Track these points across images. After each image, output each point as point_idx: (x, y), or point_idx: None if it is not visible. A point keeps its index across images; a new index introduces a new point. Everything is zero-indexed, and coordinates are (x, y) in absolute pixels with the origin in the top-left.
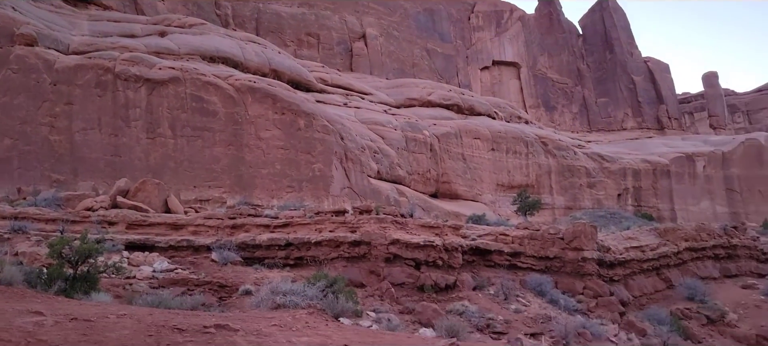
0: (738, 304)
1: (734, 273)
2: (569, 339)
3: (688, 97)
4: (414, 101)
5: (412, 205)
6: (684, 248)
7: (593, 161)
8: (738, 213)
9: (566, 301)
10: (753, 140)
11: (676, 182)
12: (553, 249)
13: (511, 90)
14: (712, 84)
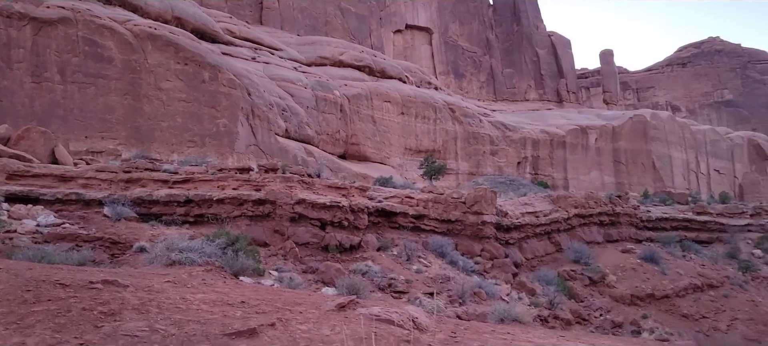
0: (617, 266)
1: (616, 238)
2: (465, 298)
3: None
4: (325, 60)
5: (320, 165)
6: (573, 215)
7: (497, 130)
8: (623, 183)
9: (465, 262)
10: (640, 116)
11: (571, 152)
12: (456, 213)
13: (422, 55)
14: (608, 62)
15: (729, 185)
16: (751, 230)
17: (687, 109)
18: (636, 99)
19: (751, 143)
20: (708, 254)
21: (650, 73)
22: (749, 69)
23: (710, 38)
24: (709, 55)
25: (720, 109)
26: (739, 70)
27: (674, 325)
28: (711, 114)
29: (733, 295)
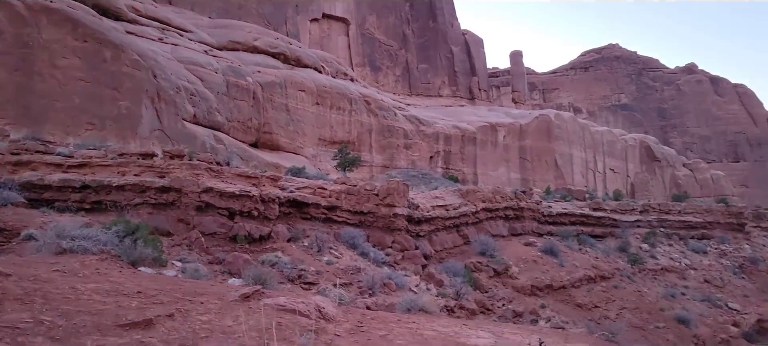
0: (520, 259)
1: (520, 232)
2: (375, 289)
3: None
4: (238, 45)
5: (230, 153)
6: (481, 209)
7: (411, 124)
8: (528, 179)
9: (376, 254)
10: (545, 116)
11: (481, 148)
12: (368, 205)
13: (339, 46)
14: (517, 62)
15: (622, 183)
16: (640, 225)
17: (587, 111)
18: (542, 99)
19: (643, 145)
20: (601, 248)
21: (555, 76)
22: (643, 76)
23: (610, 45)
24: (608, 61)
25: (616, 112)
26: (635, 76)
27: (569, 314)
28: (608, 116)
29: (623, 286)
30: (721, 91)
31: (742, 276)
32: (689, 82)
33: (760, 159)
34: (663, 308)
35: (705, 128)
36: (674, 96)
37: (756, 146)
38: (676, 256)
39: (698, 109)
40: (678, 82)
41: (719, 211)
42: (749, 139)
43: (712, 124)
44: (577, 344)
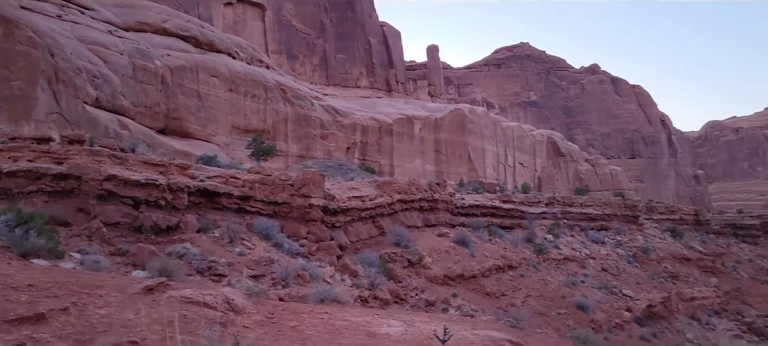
0: (433, 249)
1: (434, 223)
2: (289, 280)
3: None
4: (146, 26)
5: (136, 139)
6: (397, 200)
7: (328, 114)
8: (442, 172)
9: (290, 245)
10: (459, 110)
11: (397, 140)
12: (283, 195)
13: (254, 32)
14: (434, 57)
15: (530, 176)
16: (545, 217)
17: (499, 107)
18: (457, 94)
19: (550, 141)
20: (510, 238)
21: (470, 71)
22: (551, 75)
23: (521, 43)
24: (519, 59)
25: (526, 109)
26: (544, 74)
27: (479, 302)
28: (519, 112)
29: (528, 275)
30: (620, 92)
31: (636, 264)
32: (592, 82)
33: (653, 156)
34: (564, 295)
35: (606, 126)
36: (579, 95)
37: (650, 144)
38: (577, 246)
39: (600, 107)
40: (582, 82)
41: (616, 204)
42: (644, 137)
43: (612, 123)
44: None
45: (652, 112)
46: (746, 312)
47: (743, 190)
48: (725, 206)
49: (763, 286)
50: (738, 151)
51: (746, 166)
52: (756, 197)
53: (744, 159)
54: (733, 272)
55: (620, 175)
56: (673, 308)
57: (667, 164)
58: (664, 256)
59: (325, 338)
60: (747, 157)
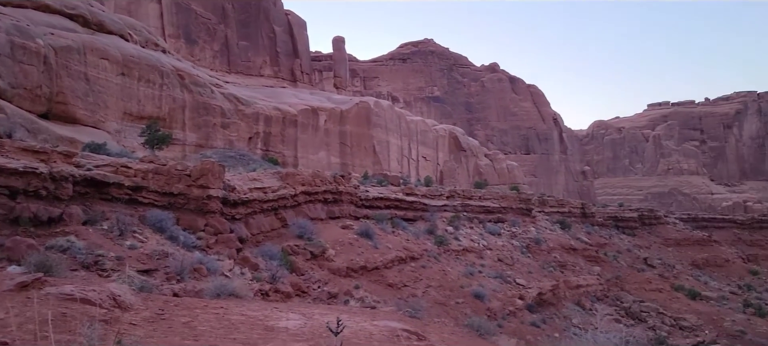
0: (337, 241)
1: (338, 215)
2: (184, 275)
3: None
4: (26, 2)
5: (13, 124)
6: (300, 192)
7: (229, 102)
8: (347, 164)
9: (186, 238)
10: (365, 103)
11: (302, 131)
12: (179, 186)
13: (150, 14)
14: (340, 48)
15: (433, 170)
16: (446, 209)
17: (404, 101)
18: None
19: (452, 136)
20: (412, 230)
21: (376, 65)
22: (454, 71)
23: (426, 39)
24: (424, 55)
25: (430, 104)
26: (447, 71)
27: (381, 293)
28: (423, 107)
29: (429, 265)
30: (517, 90)
31: (528, 255)
32: (492, 80)
33: (546, 152)
34: (463, 285)
35: (504, 123)
36: (479, 92)
37: (543, 141)
38: (475, 237)
39: (499, 105)
40: (483, 80)
41: (512, 197)
42: (538, 135)
43: (510, 120)
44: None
45: (546, 111)
46: (624, 298)
47: (624, 185)
48: (608, 199)
49: (639, 273)
50: (620, 149)
51: (627, 163)
52: (635, 191)
53: (625, 156)
54: (613, 261)
55: (516, 170)
56: (561, 295)
57: (558, 160)
58: (554, 246)
59: (220, 333)
60: (628, 154)
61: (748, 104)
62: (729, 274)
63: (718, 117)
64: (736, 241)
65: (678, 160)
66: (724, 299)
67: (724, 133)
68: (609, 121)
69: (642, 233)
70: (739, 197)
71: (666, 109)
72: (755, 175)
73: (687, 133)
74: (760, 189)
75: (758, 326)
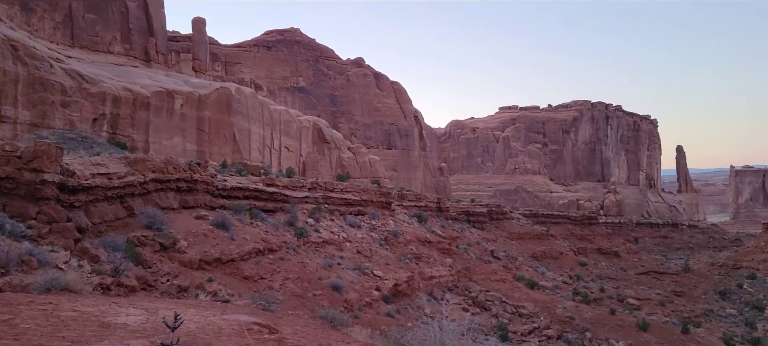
0: (190, 232)
1: (192, 205)
2: (10, 267)
3: (177, 37)
4: None
5: None
6: (151, 179)
7: (71, 79)
8: (204, 152)
9: (14, 226)
10: (226, 89)
11: (155, 115)
12: (7, 168)
13: None
14: (200, 30)
15: (295, 161)
16: (307, 201)
17: (268, 89)
18: (224, 72)
19: (315, 127)
20: (272, 222)
21: (239, 50)
22: (320, 63)
23: (292, 28)
24: (290, 44)
25: (294, 94)
26: (312, 62)
27: (237, 286)
28: (287, 97)
29: (288, 258)
30: (381, 86)
31: (386, 247)
32: (357, 75)
33: (407, 148)
34: (321, 277)
35: (367, 117)
36: (344, 85)
37: (405, 137)
38: (336, 230)
39: (363, 99)
40: (348, 73)
41: (373, 191)
42: (400, 131)
43: (373, 114)
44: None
45: (408, 108)
46: (472, 288)
47: (476, 182)
48: (462, 195)
49: (486, 265)
50: (474, 147)
51: (480, 161)
52: (486, 188)
53: (478, 155)
54: (464, 254)
55: (378, 164)
56: (415, 286)
57: (418, 156)
58: (410, 239)
59: (46, 331)
60: (481, 153)
61: (583, 112)
62: (562, 265)
63: (559, 123)
64: (569, 235)
65: (523, 160)
66: (557, 288)
67: (562, 137)
68: (465, 121)
69: (490, 227)
70: (574, 195)
71: (515, 113)
72: (587, 176)
73: (532, 136)
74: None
75: (584, 312)
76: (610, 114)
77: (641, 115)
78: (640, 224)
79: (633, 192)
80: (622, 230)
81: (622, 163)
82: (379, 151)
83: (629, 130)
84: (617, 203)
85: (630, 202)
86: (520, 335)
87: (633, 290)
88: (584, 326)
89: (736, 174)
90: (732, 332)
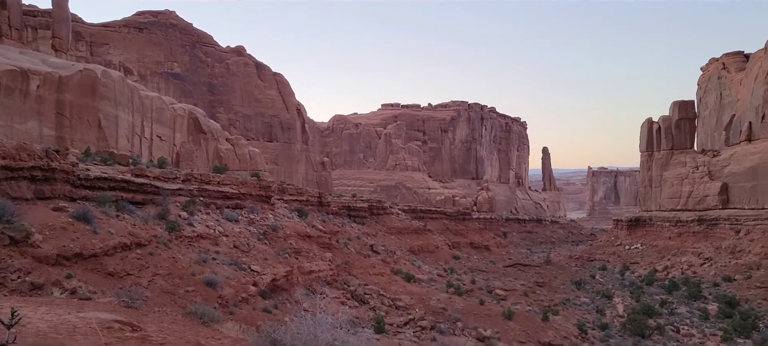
0: (46, 225)
1: (49, 196)
2: None
3: (34, 11)
4: None
5: None
6: (0, 167)
7: None
8: (65, 138)
9: None
10: (90, 71)
11: (6, 96)
12: None
13: None
14: (61, 6)
15: (168, 151)
16: (181, 194)
17: (139, 74)
18: (89, 53)
19: (191, 116)
20: (141, 215)
21: (106, 30)
22: (197, 49)
23: (167, 10)
24: (164, 27)
25: (168, 80)
26: (189, 47)
27: (100, 283)
28: (160, 83)
29: (158, 252)
30: (263, 77)
31: (265, 241)
32: (238, 63)
33: (288, 141)
34: (194, 272)
35: (248, 108)
36: (224, 74)
37: (287, 130)
38: (211, 223)
39: (244, 89)
40: (228, 62)
41: (252, 184)
42: (282, 123)
43: (254, 105)
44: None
45: (290, 101)
46: (351, 282)
47: (358, 177)
48: (344, 190)
49: (365, 259)
50: (357, 143)
51: (362, 156)
52: (367, 183)
53: (361, 150)
54: (344, 248)
55: (258, 156)
56: (294, 281)
57: (300, 150)
58: (290, 233)
59: None
60: (363, 149)
61: (461, 112)
62: (438, 259)
63: (438, 121)
64: (445, 230)
65: (404, 157)
66: (433, 280)
67: (441, 135)
68: (348, 116)
69: (370, 222)
70: (450, 192)
71: (397, 110)
72: (463, 174)
73: (412, 133)
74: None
75: (456, 303)
76: (485, 115)
77: (513, 117)
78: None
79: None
80: (493, 225)
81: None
82: (260, 143)
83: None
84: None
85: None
86: (396, 326)
87: (501, 281)
88: (456, 316)
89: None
90: (585, 319)
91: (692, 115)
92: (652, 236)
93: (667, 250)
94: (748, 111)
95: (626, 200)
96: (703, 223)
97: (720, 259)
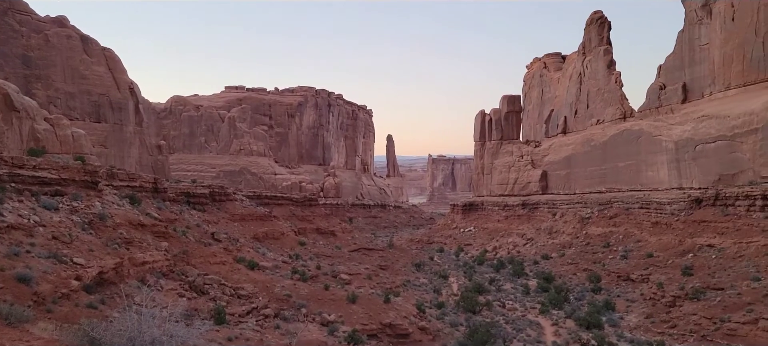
0: None
1: None
2: None
3: None
4: None
5: None
6: None
7: None
8: None
9: None
10: None
11: None
12: None
13: None
14: None
15: None
16: None
17: None
18: None
19: (2, 92)
20: None
21: None
22: (9, 16)
23: None
24: None
25: None
26: None
27: None
28: None
29: None
30: (90, 51)
31: (91, 232)
32: (59, 35)
33: (119, 122)
34: (4, 267)
35: (71, 85)
36: (42, 46)
37: (117, 110)
38: (25, 213)
39: (66, 64)
40: (47, 33)
41: (76, 168)
42: (112, 103)
43: (79, 83)
44: None
45: (122, 79)
46: (190, 272)
47: (199, 162)
48: (183, 175)
49: (205, 248)
50: (198, 126)
51: (203, 140)
52: (209, 168)
53: (202, 134)
54: (182, 237)
55: (83, 138)
56: (124, 273)
57: (133, 132)
58: (120, 222)
59: None
60: (204, 132)
61: (308, 98)
62: (283, 245)
63: (285, 106)
64: (291, 216)
65: (249, 142)
66: (277, 267)
67: (288, 120)
68: (188, 97)
69: (212, 209)
70: (297, 178)
71: (241, 93)
72: (309, 159)
73: (258, 117)
74: (312, 172)
75: (301, 290)
76: (332, 102)
77: (359, 104)
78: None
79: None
80: (339, 210)
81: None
82: (86, 124)
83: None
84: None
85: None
86: (238, 316)
87: (346, 266)
88: (300, 303)
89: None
90: (423, 299)
91: (519, 109)
92: (483, 219)
93: (497, 232)
94: (564, 106)
95: (462, 186)
96: (527, 207)
97: (539, 239)
